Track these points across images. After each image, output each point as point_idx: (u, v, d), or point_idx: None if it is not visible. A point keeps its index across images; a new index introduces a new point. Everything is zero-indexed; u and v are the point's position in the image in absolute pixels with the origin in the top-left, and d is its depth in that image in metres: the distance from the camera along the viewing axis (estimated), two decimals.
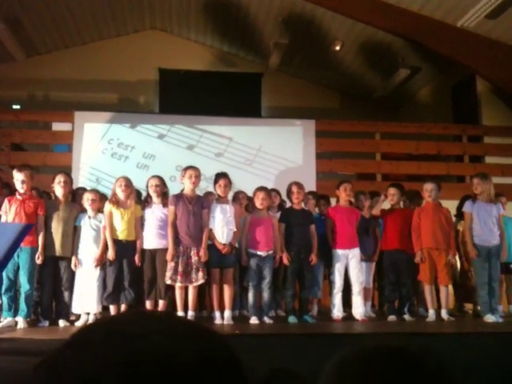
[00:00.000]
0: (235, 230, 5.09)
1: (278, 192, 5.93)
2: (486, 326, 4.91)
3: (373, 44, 9.04)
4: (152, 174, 5.38)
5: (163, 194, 5.17)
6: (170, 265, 4.86)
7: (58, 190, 5.06)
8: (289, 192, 5.47)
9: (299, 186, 5.42)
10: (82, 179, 7.49)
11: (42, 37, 9.58)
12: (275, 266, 5.27)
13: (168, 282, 4.87)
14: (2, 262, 1.49)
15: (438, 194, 5.55)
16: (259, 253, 5.16)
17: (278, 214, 5.59)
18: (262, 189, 5.35)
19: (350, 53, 9.58)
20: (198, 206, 5.02)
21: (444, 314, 5.26)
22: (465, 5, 7.18)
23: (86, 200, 5.08)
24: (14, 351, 3.47)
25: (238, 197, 5.60)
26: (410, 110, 10.57)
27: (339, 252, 5.36)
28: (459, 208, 5.91)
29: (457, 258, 5.79)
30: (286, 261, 5.20)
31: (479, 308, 5.43)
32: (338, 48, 9.25)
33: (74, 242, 5.00)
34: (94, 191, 5.29)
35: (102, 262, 4.96)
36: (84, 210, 5.13)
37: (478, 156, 8.66)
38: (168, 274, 4.85)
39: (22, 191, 4.85)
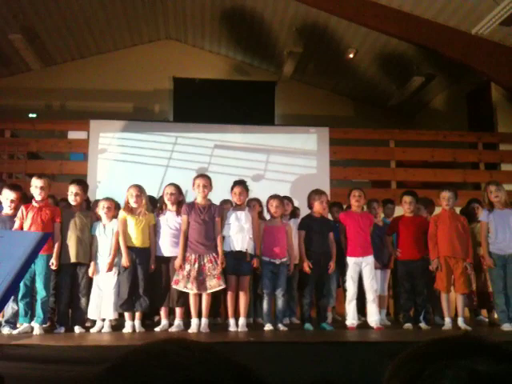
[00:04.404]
0: (250, 236, 5.08)
1: (290, 200, 5.91)
2: (503, 334, 4.84)
3: (387, 52, 9.04)
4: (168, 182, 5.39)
5: (178, 203, 5.18)
6: (182, 273, 4.86)
7: (71, 200, 5.10)
8: (312, 201, 5.38)
9: (326, 196, 5.44)
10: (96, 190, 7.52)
11: (57, 47, 9.71)
12: (289, 274, 5.26)
13: (182, 289, 4.86)
14: (21, 271, 1.50)
15: (455, 202, 5.52)
16: (273, 260, 5.15)
17: (291, 222, 5.58)
18: (275, 197, 5.34)
19: (364, 61, 9.58)
20: (209, 215, 5.01)
21: (461, 322, 5.20)
22: (479, 12, 7.17)
23: (102, 208, 5.11)
24: (30, 357, 3.49)
25: (249, 205, 5.55)
26: (425, 118, 10.53)
27: (352, 260, 5.32)
28: (466, 211, 5.99)
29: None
30: (307, 268, 5.17)
31: (496, 316, 5.35)
32: (351, 56, 9.27)
33: (92, 250, 5.03)
34: (110, 200, 5.28)
35: (113, 267, 4.97)
36: (99, 219, 5.17)
37: (493, 163, 8.60)
38: (181, 282, 4.84)
39: (39, 198, 4.87)
